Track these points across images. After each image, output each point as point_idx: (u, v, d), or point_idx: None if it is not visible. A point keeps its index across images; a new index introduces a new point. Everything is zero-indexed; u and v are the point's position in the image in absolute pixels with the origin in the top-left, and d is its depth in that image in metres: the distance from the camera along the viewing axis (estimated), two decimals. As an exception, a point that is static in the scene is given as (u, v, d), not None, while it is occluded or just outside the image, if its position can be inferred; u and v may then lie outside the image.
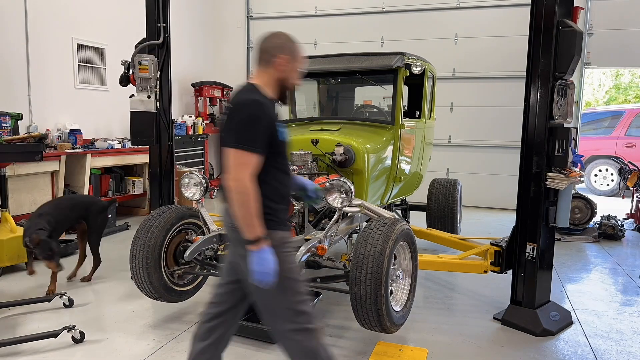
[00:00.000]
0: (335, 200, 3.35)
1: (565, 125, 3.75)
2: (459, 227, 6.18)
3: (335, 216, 3.39)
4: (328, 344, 3.38)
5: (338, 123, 4.82)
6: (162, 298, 3.65)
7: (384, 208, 5.33)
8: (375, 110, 5.60)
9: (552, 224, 3.76)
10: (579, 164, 3.90)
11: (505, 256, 3.99)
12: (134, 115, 4.79)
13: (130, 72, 4.75)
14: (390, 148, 4.63)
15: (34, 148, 4.81)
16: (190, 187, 3.75)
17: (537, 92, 3.63)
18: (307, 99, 6.03)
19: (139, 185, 7.60)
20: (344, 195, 3.32)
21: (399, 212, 6.11)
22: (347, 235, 4.06)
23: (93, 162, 6.62)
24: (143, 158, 7.39)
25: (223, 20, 10.50)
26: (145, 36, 4.87)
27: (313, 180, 3.97)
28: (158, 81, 4.79)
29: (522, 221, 3.83)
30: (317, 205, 3.78)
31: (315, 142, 4.21)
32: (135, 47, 4.81)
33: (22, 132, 5.90)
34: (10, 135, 5.21)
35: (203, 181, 3.72)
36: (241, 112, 2.08)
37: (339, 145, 4.17)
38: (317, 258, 3.37)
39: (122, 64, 4.83)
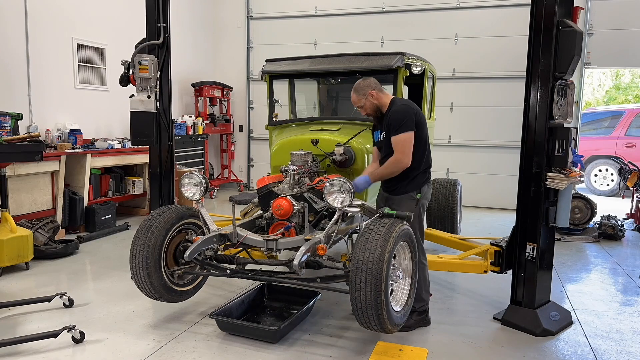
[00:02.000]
0: (335, 200, 3.35)
1: (565, 125, 3.75)
2: (459, 227, 6.18)
3: (335, 216, 3.39)
4: (328, 344, 3.40)
5: (338, 123, 4.82)
6: (162, 298, 3.65)
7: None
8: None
9: (552, 224, 3.76)
10: (578, 164, 3.90)
11: (505, 256, 3.99)
12: (134, 115, 4.79)
13: (130, 72, 4.75)
14: (390, 148, 4.62)
15: (34, 148, 4.81)
16: (190, 187, 3.75)
17: (537, 92, 3.63)
18: (307, 99, 6.04)
19: (139, 185, 7.60)
20: (344, 195, 3.32)
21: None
22: (347, 235, 4.06)
23: (93, 162, 6.62)
24: (143, 158, 7.39)
25: (223, 20, 10.51)
26: (145, 36, 4.86)
27: (313, 180, 3.97)
28: (158, 81, 4.78)
29: (522, 221, 3.83)
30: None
31: (315, 142, 4.21)
32: (135, 47, 4.81)
33: (22, 132, 5.90)
34: (10, 135, 5.22)
35: (203, 181, 3.71)
36: None
37: (339, 145, 4.16)
38: (317, 258, 3.36)
39: (122, 64, 4.82)
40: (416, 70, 4.61)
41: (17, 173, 5.48)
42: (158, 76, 4.78)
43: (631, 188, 7.47)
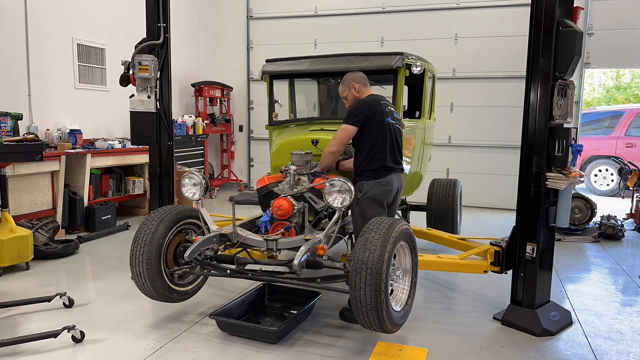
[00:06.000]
0: (335, 200, 3.34)
1: (565, 125, 3.75)
2: (459, 227, 6.18)
3: (335, 216, 3.39)
4: (328, 344, 3.40)
5: (338, 123, 4.81)
6: (162, 298, 3.65)
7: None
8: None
9: (552, 224, 3.76)
10: (578, 155, 3.90)
11: (505, 256, 3.99)
12: (134, 115, 4.79)
13: (130, 72, 4.75)
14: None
15: (34, 148, 4.81)
16: (190, 187, 3.75)
17: (537, 92, 3.63)
18: (307, 99, 6.03)
19: (139, 185, 7.60)
20: (344, 195, 3.32)
21: (399, 212, 6.11)
22: (347, 236, 4.06)
23: (93, 162, 6.62)
24: (143, 158, 7.39)
25: (223, 20, 10.51)
26: (145, 36, 4.87)
27: (312, 180, 3.97)
28: (158, 81, 4.79)
29: (522, 221, 3.83)
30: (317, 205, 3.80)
31: (315, 142, 4.21)
32: (135, 47, 4.81)
33: (22, 132, 5.90)
34: (10, 136, 5.22)
35: (203, 181, 3.71)
36: None
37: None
38: (317, 258, 3.37)
39: (122, 64, 4.83)
40: (416, 70, 4.61)
41: (17, 173, 5.47)
42: (158, 76, 4.78)
43: (631, 188, 7.47)
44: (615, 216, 7.05)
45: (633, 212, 7.51)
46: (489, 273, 4.08)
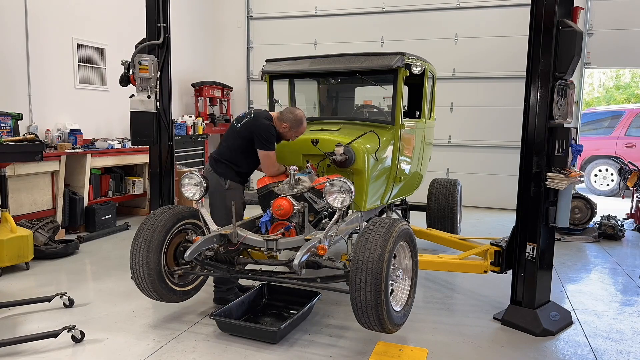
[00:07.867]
0: (335, 200, 3.35)
1: (565, 125, 3.75)
2: (459, 227, 6.18)
3: (335, 216, 3.39)
4: (328, 344, 3.40)
5: (338, 123, 4.81)
6: (162, 298, 3.65)
7: (384, 208, 5.34)
8: (375, 110, 5.59)
9: (552, 224, 3.76)
10: (578, 155, 3.92)
11: (505, 256, 3.99)
12: (134, 115, 4.79)
13: (131, 72, 4.76)
14: (390, 148, 4.63)
15: (34, 148, 4.82)
16: (190, 187, 3.74)
17: (537, 92, 3.63)
18: (307, 99, 6.03)
19: (139, 185, 7.60)
20: (344, 195, 3.32)
21: (399, 212, 6.11)
22: (347, 235, 4.06)
23: (93, 162, 6.62)
24: (143, 158, 7.39)
25: (223, 20, 10.51)
26: (145, 36, 4.87)
27: (313, 181, 3.97)
28: (158, 81, 4.79)
29: (522, 221, 3.83)
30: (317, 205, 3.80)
31: (315, 142, 4.20)
32: (135, 47, 4.81)
33: (22, 132, 5.90)
34: (10, 136, 5.22)
35: (203, 181, 3.71)
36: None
37: (339, 145, 4.16)
38: (317, 258, 3.37)
39: (122, 64, 4.83)
40: (416, 70, 4.61)
41: (17, 173, 5.48)
42: (158, 76, 4.78)
43: (631, 188, 7.47)
44: (615, 216, 7.05)
45: (633, 212, 7.51)
46: (489, 273, 4.08)
